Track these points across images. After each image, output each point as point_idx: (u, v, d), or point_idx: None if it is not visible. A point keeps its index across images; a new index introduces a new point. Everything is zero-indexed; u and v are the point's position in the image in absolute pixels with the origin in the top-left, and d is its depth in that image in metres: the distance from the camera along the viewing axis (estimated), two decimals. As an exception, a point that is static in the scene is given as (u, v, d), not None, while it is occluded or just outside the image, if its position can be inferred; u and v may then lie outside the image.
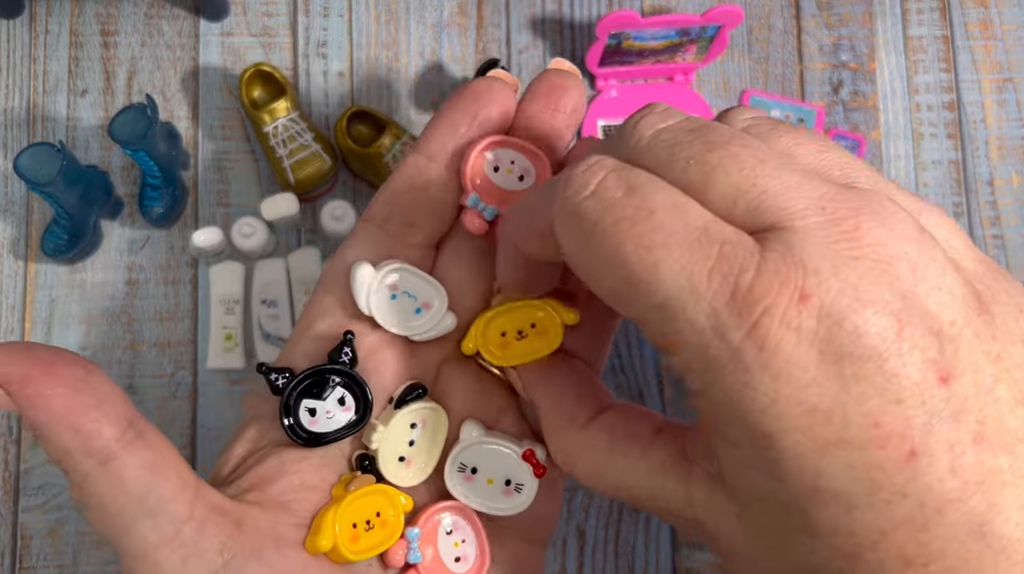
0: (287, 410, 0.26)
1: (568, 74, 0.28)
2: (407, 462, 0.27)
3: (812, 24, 0.48)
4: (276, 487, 0.25)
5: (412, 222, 0.28)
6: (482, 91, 0.27)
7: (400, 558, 0.26)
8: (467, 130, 0.27)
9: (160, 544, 0.22)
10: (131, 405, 0.23)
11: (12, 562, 0.41)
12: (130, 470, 0.22)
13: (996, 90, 0.48)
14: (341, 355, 0.27)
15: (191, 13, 0.46)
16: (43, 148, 0.38)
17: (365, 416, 0.27)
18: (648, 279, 0.20)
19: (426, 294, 0.28)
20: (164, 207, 0.42)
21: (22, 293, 0.43)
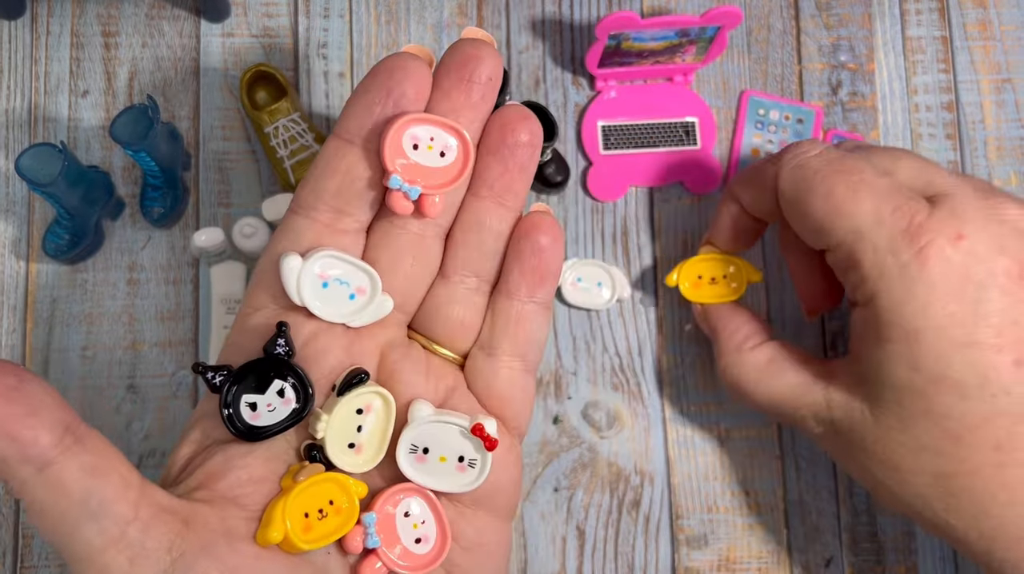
0: (227, 406, 0.26)
1: (481, 43, 0.28)
2: (357, 448, 0.27)
3: (811, 25, 0.48)
4: (224, 483, 0.25)
5: (339, 208, 0.28)
6: (395, 68, 0.27)
7: (358, 544, 0.26)
8: (382, 108, 0.27)
9: (105, 546, 0.22)
10: (69, 410, 0.23)
11: (14, 561, 0.41)
12: (69, 475, 0.22)
13: (995, 91, 0.48)
14: (276, 347, 0.26)
15: (192, 14, 0.46)
16: (44, 148, 0.38)
17: (307, 405, 0.27)
18: (851, 210, 0.31)
19: (358, 279, 0.28)
20: (165, 207, 0.43)
21: (23, 293, 0.43)
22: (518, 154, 0.28)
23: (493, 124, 0.28)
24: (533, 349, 0.30)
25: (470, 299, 0.29)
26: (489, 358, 0.29)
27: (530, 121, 0.28)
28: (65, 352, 0.43)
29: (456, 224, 0.29)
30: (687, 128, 0.47)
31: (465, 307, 0.29)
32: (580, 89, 0.47)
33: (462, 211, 0.29)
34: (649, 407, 0.44)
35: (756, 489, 0.44)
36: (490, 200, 0.29)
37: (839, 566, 0.44)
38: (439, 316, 0.29)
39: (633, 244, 0.46)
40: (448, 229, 0.29)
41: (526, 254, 0.29)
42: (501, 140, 0.28)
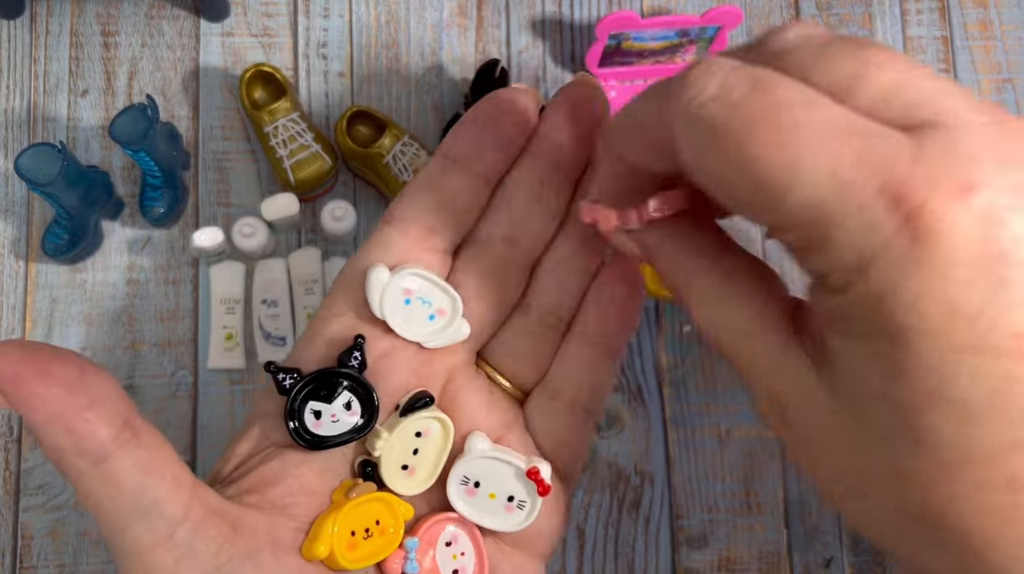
0: (292, 411, 0.26)
1: (593, 87, 0.28)
2: (410, 471, 0.27)
3: (811, 24, 0.48)
4: (276, 490, 0.25)
5: (432, 226, 0.28)
6: (505, 101, 0.28)
7: (397, 568, 0.26)
8: (494, 135, 0.27)
9: (154, 545, 0.22)
10: (129, 404, 0.23)
11: (13, 561, 0.41)
12: (124, 470, 0.22)
13: (995, 90, 0.48)
14: (351, 359, 0.26)
15: (192, 14, 0.46)
16: (44, 148, 0.38)
17: (371, 422, 0.26)
18: (786, 180, 0.19)
19: (440, 300, 0.28)
20: (165, 207, 0.42)
21: (23, 293, 0.43)
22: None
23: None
24: (597, 398, 0.29)
25: (544, 334, 0.29)
26: (552, 401, 0.29)
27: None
28: (64, 352, 0.43)
29: (544, 258, 0.29)
30: (687, 128, 0.47)
31: (538, 343, 0.29)
32: (580, 89, 0.47)
33: (552, 246, 0.29)
34: (649, 407, 0.44)
35: (756, 489, 0.44)
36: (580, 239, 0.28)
37: (839, 566, 0.44)
38: (509, 348, 0.29)
39: (633, 244, 0.46)
40: (535, 260, 0.29)
41: (605, 301, 0.28)
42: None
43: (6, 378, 0.22)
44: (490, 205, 0.28)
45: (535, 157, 0.28)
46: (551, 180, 0.28)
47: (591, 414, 0.29)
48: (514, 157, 0.28)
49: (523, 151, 0.28)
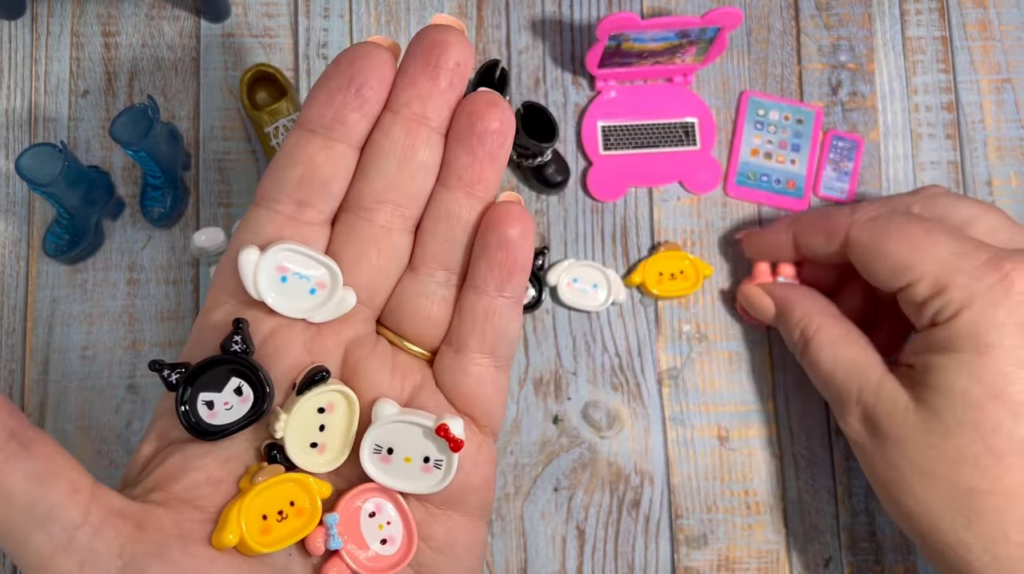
0: (182, 404, 0.26)
1: (448, 28, 0.27)
2: (320, 448, 0.27)
3: (811, 25, 0.48)
4: (180, 484, 0.25)
5: (302, 199, 0.27)
6: (357, 56, 0.26)
7: (320, 545, 0.26)
8: (344, 97, 0.26)
9: (54, 552, 0.22)
10: (16, 415, 0.23)
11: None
12: (14, 482, 0.22)
13: (995, 91, 0.48)
14: (232, 344, 0.26)
15: (192, 14, 0.46)
16: (44, 148, 0.38)
17: (264, 404, 0.26)
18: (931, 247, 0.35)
19: (318, 273, 0.27)
20: (165, 207, 0.43)
21: (24, 293, 0.43)
22: (487, 142, 0.27)
23: (461, 111, 0.27)
24: (503, 345, 0.29)
25: (439, 293, 0.28)
26: (457, 355, 0.28)
27: (499, 108, 0.27)
28: (65, 352, 0.43)
29: (425, 215, 0.28)
30: (687, 129, 0.47)
31: (433, 301, 0.28)
32: (580, 89, 0.47)
33: (431, 202, 0.28)
34: (649, 407, 0.44)
35: (756, 489, 0.44)
36: (459, 190, 0.28)
37: (838, 566, 0.44)
38: (406, 311, 0.28)
39: (633, 244, 0.46)
40: (417, 221, 0.28)
41: (492, 247, 0.27)
42: (470, 128, 0.27)
43: None
44: (358, 169, 0.28)
45: (396, 113, 0.27)
46: (416, 135, 0.27)
47: (500, 361, 0.29)
48: (375, 116, 0.27)
49: (384, 108, 0.27)
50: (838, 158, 0.47)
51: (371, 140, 0.27)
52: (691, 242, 0.46)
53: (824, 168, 0.47)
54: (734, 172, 0.47)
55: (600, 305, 0.44)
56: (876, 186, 0.47)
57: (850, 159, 0.47)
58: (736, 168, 0.47)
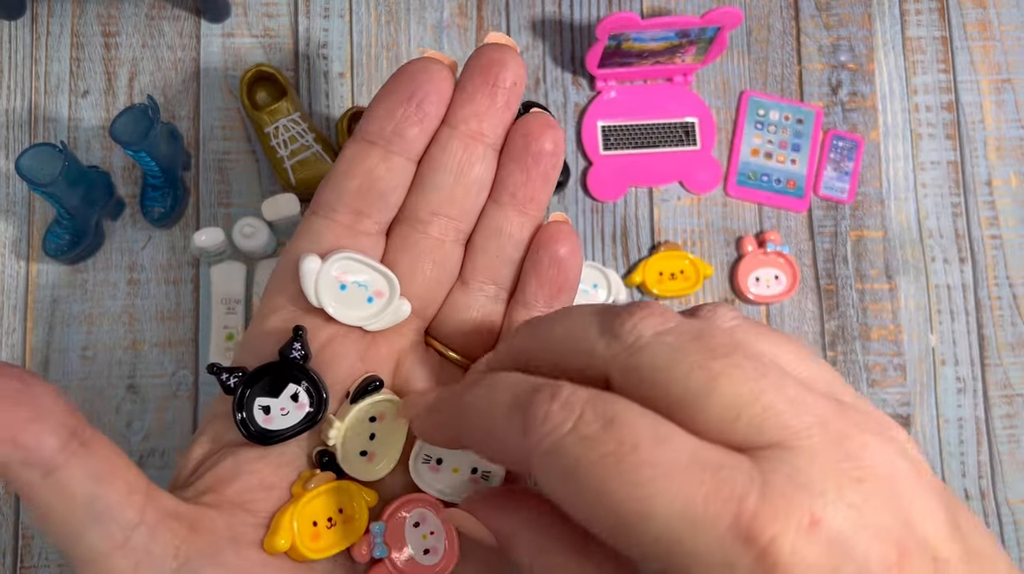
0: (240, 409, 0.26)
1: (505, 47, 0.28)
2: (370, 456, 0.27)
3: (811, 25, 0.48)
4: (233, 488, 0.25)
5: (359, 209, 0.28)
6: (418, 71, 0.27)
7: (365, 554, 0.26)
8: (404, 111, 0.27)
9: (110, 551, 0.22)
10: (75, 414, 0.23)
11: (14, 561, 0.41)
12: (75, 480, 0.22)
13: (995, 91, 0.48)
14: (291, 350, 0.26)
15: (192, 14, 0.46)
16: (45, 149, 0.38)
17: (320, 411, 0.26)
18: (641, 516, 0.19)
19: (377, 282, 0.27)
20: (165, 207, 0.43)
21: (24, 293, 0.43)
22: (541, 163, 0.28)
23: (517, 132, 0.28)
24: None
25: (488, 307, 0.29)
26: None
27: (554, 130, 0.28)
28: (65, 352, 0.43)
29: (477, 230, 0.29)
30: (687, 128, 0.47)
31: (482, 314, 0.29)
32: (580, 89, 0.47)
33: (483, 217, 0.29)
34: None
35: (756, 489, 0.44)
36: (511, 208, 0.28)
37: (839, 566, 0.44)
38: (456, 322, 0.29)
39: (633, 244, 0.46)
40: (468, 235, 0.29)
41: (544, 264, 0.28)
42: (525, 148, 0.28)
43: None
44: (415, 182, 0.28)
45: (454, 128, 0.28)
46: (473, 151, 0.28)
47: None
48: (433, 131, 0.28)
49: (442, 123, 0.28)
50: (838, 158, 0.47)
51: (428, 154, 0.28)
52: (691, 242, 0.46)
53: (824, 168, 0.47)
54: (734, 172, 0.47)
55: (600, 305, 0.44)
56: (876, 186, 0.47)
57: (850, 159, 0.47)
58: (736, 168, 0.47)
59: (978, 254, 0.47)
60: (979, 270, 0.47)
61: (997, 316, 0.46)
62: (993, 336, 0.46)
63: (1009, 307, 0.46)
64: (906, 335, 0.46)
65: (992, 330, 0.46)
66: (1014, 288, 0.47)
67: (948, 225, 0.47)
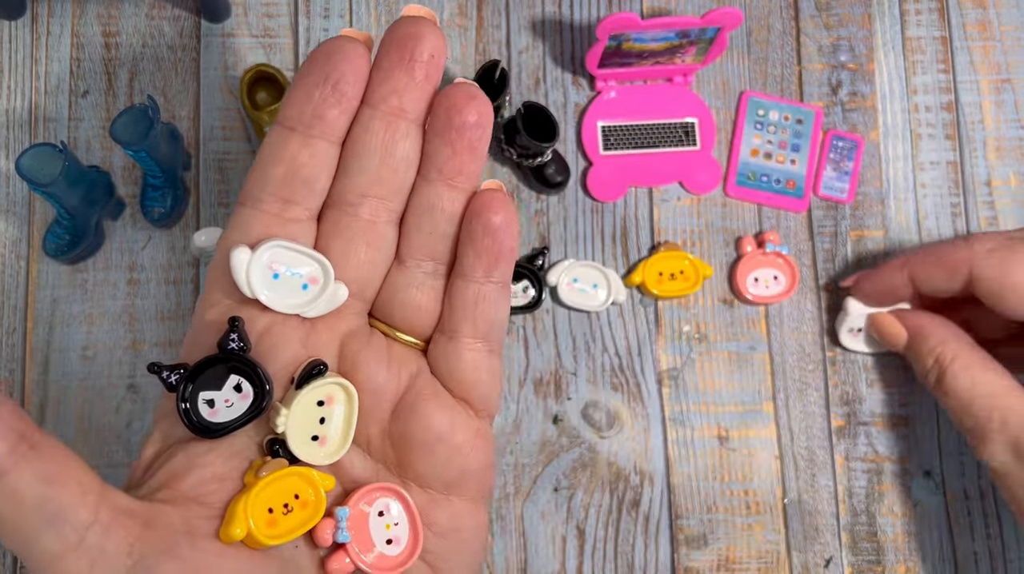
0: (185, 404, 0.26)
1: (421, 19, 0.27)
2: (321, 440, 0.27)
3: (811, 25, 0.49)
4: (186, 482, 0.25)
5: (286, 197, 0.27)
6: (333, 51, 0.26)
7: (328, 537, 0.26)
8: (321, 93, 0.27)
9: (64, 552, 0.22)
10: (24, 418, 0.23)
11: (14, 560, 0.41)
12: (24, 483, 0.22)
13: (994, 91, 0.48)
14: (229, 342, 0.26)
15: (192, 14, 0.46)
16: (45, 148, 0.38)
17: (264, 400, 0.26)
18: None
19: (310, 268, 0.27)
20: (165, 207, 0.43)
21: (24, 293, 0.43)
22: (466, 135, 0.27)
23: (440, 105, 0.28)
24: (494, 330, 0.29)
25: (427, 283, 0.29)
26: (451, 342, 0.29)
27: (477, 100, 0.28)
28: (65, 352, 0.43)
29: (408, 208, 0.29)
30: (687, 129, 0.47)
31: (423, 292, 0.29)
32: (580, 89, 0.47)
33: (413, 195, 0.28)
34: (649, 407, 0.45)
35: (756, 489, 0.44)
36: (440, 183, 0.28)
37: (838, 566, 0.44)
38: (397, 302, 0.29)
39: (633, 244, 0.46)
40: (401, 214, 0.29)
41: (478, 234, 0.28)
42: (448, 122, 0.27)
43: None
44: (341, 165, 0.28)
45: (375, 107, 0.27)
46: (396, 128, 0.27)
47: (493, 346, 0.29)
48: (353, 111, 0.28)
49: (362, 103, 0.28)
50: (838, 158, 0.47)
51: (351, 135, 0.28)
52: (691, 242, 0.46)
53: (824, 168, 0.47)
54: (734, 172, 0.47)
55: (600, 305, 0.44)
56: (876, 186, 0.47)
57: (850, 159, 0.47)
58: (736, 168, 0.47)
59: (978, 254, 0.47)
60: (979, 270, 0.47)
61: (997, 316, 0.46)
62: (993, 336, 0.46)
63: (1009, 307, 0.46)
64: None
65: (992, 330, 0.46)
66: (1014, 288, 0.47)
67: (947, 225, 0.47)
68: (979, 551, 0.44)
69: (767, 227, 0.46)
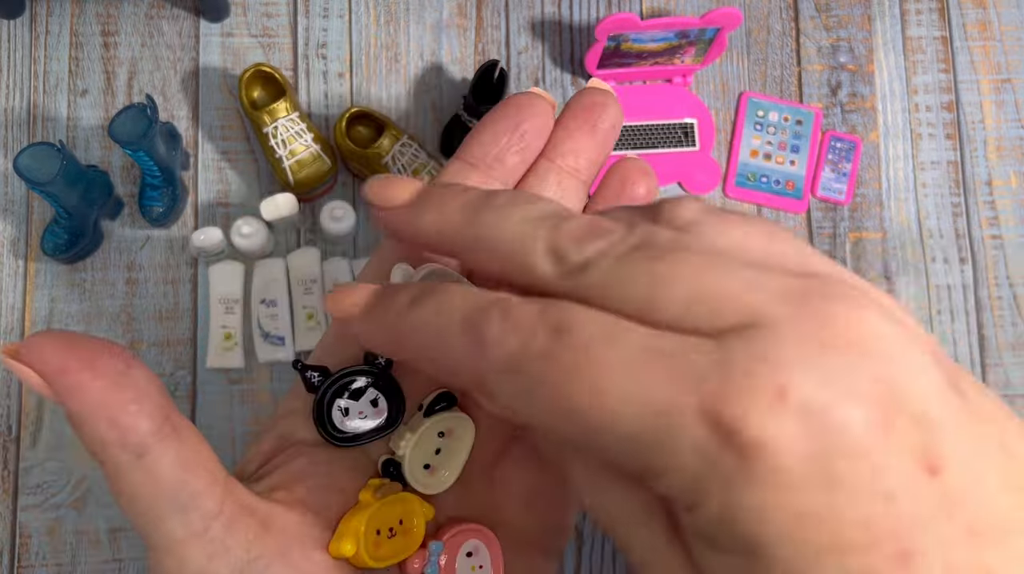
0: (320, 408, 0.26)
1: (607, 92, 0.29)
2: (431, 470, 0.28)
3: (811, 26, 0.48)
4: (304, 487, 0.26)
5: None
6: (524, 104, 0.28)
7: (418, 568, 0.27)
8: (508, 139, 0.28)
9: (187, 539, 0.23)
10: (169, 399, 0.23)
11: (11, 560, 0.41)
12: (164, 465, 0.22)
13: (995, 91, 0.48)
14: (377, 356, 0.27)
15: (191, 14, 0.46)
16: (43, 148, 0.38)
17: (396, 420, 0.26)
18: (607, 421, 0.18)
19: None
20: (164, 207, 0.43)
21: (22, 292, 0.43)
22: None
23: (614, 174, 0.29)
24: None
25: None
26: None
27: (649, 178, 0.29)
28: (63, 351, 0.43)
29: None
30: (686, 129, 0.47)
31: None
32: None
33: None
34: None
35: (755, 490, 0.44)
36: None
37: (838, 567, 0.43)
38: None
39: (632, 244, 0.46)
40: None
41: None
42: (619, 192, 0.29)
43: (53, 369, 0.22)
44: None
45: (552, 161, 0.29)
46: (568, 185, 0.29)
47: None
48: (531, 161, 0.29)
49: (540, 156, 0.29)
50: (836, 159, 0.47)
51: (525, 182, 0.29)
52: (690, 242, 0.46)
53: (822, 169, 0.47)
54: (733, 173, 0.47)
55: (599, 305, 0.44)
56: (876, 187, 0.47)
57: (848, 160, 0.47)
58: (735, 169, 0.47)
59: (978, 254, 0.47)
60: (979, 270, 0.47)
61: (997, 316, 0.46)
62: (993, 336, 0.46)
63: (1009, 307, 0.46)
64: (906, 336, 0.46)
65: (992, 330, 0.46)
66: (1014, 288, 0.46)
67: (948, 225, 0.47)
68: (979, 553, 0.44)
69: (767, 227, 0.47)
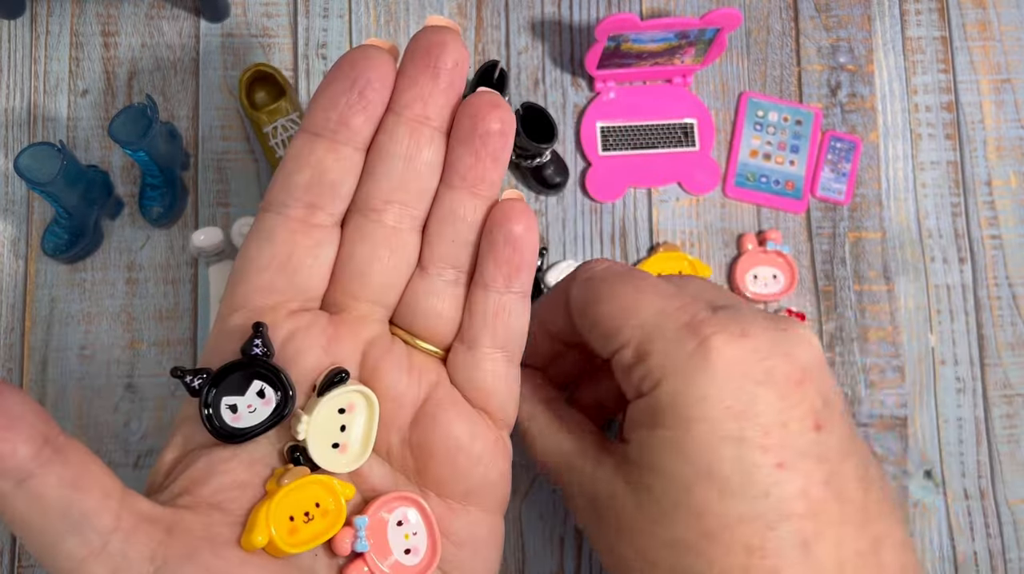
0: (206, 409, 0.26)
1: (444, 29, 0.28)
2: (341, 448, 0.27)
3: (810, 26, 0.48)
4: (207, 488, 0.25)
5: (311, 203, 0.27)
6: (358, 59, 0.27)
7: (346, 546, 0.26)
8: (347, 100, 0.27)
9: (87, 558, 0.22)
10: (49, 421, 0.23)
11: (11, 560, 0.41)
12: (49, 488, 0.22)
13: (994, 91, 0.48)
14: (253, 347, 0.26)
15: (191, 13, 0.46)
16: (43, 148, 0.38)
17: (287, 406, 0.26)
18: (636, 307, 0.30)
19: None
20: (164, 207, 0.43)
21: (22, 292, 0.43)
22: (489, 143, 0.28)
23: (464, 113, 0.28)
24: (514, 340, 0.29)
25: (448, 292, 0.29)
26: (470, 351, 0.29)
27: (501, 109, 0.28)
28: (63, 351, 0.43)
29: (431, 215, 0.29)
30: (686, 130, 0.47)
31: (444, 300, 0.29)
32: (579, 90, 0.47)
33: (436, 202, 0.29)
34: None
35: (755, 490, 0.44)
36: (463, 190, 0.28)
37: (838, 567, 0.43)
38: (418, 310, 0.29)
39: (631, 245, 0.46)
40: (423, 220, 0.29)
41: (499, 244, 0.28)
42: (472, 129, 0.28)
43: None
44: (365, 170, 0.28)
45: (399, 114, 0.28)
46: (420, 135, 0.28)
47: (512, 356, 0.30)
48: (378, 118, 0.28)
49: (387, 110, 0.28)
50: (836, 159, 0.47)
51: (375, 142, 0.28)
52: (690, 243, 0.46)
53: (822, 169, 0.47)
54: (733, 173, 0.47)
55: (599, 305, 0.44)
56: (876, 187, 0.47)
57: (848, 160, 0.47)
58: (735, 169, 0.47)
59: (978, 254, 0.47)
60: (979, 270, 0.47)
61: (997, 316, 0.46)
62: (993, 336, 0.46)
63: (1009, 307, 0.46)
64: (905, 335, 0.46)
65: (992, 330, 0.46)
66: (1014, 288, 0.46)
67: (948, 225, 0.47)
68: (979, 551, 0.44)
69: (766, 228, 0.46)
